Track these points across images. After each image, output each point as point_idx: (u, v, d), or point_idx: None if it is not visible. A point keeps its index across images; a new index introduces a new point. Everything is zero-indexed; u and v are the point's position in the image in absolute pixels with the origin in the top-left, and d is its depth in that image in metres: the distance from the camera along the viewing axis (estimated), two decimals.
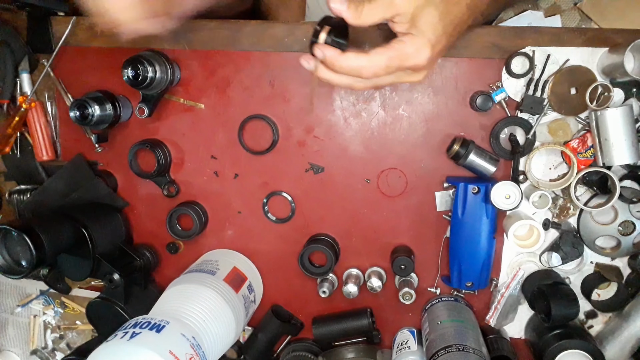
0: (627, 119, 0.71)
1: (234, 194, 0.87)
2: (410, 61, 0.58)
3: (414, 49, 0.58)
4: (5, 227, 0.72)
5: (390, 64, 0.58)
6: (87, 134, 0.87)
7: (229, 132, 0.85)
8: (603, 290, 0.82)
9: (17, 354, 1.02)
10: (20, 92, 0.85)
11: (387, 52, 0.58)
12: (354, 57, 0.58)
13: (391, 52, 0.58)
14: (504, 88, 0.78)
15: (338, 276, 0.88)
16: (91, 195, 0.86)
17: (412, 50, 0.58)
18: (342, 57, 0.58)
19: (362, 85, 0.62)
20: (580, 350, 0.74)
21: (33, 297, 0.98)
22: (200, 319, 0.72)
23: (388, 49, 0.58)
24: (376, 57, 0.58)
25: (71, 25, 0.83)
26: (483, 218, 0.78)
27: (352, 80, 0.61)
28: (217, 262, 0.84)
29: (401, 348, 0.82)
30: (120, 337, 0.64)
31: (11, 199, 0.89)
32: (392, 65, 0.58)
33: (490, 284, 0.84)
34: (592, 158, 0.76)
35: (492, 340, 0.81)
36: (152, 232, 0.90)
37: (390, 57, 0.58)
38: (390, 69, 0.59)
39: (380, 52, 0.58)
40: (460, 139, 0.78)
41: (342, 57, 0.58)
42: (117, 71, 0.85)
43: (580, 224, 0.80)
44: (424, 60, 0.58)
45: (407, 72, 0.62)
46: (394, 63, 0.58)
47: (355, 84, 0.62)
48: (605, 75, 0.76)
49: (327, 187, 0.85)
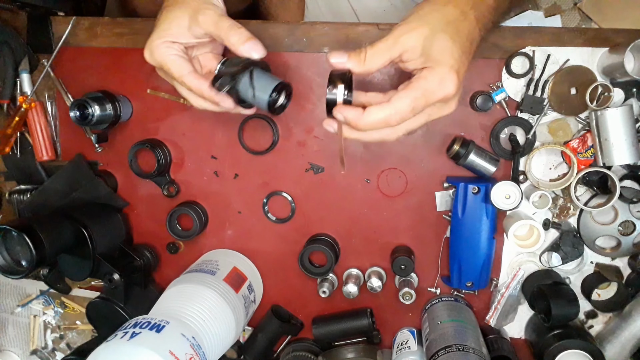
0: (627, 119, 0.71)
1: (234, 194, 0.87)
2: (437, 95, 0.54)
3: (437, 81, 0.54)
4: (5, 227, 0.72)
5: (417, 105, 0.54)
6: (87, 134, 0.87)
7: (229, 132, 0.85)
8: (603, 290, 0.82)
9: (17, 354, 1.02)
10: (20, 92, 0.85)
11: (409, 94, 0.54)
12: (377, 110, 0.54)
13: (414, 92, 0.54)
14: (504, 88, 0.78)
15: (338, 276, 0.88)
16: (91, 195, 0.86)
17: (436, 83, 0.54)
18: (364, 115, 0.55)
19: (394, 135, 0.58)
20: (580, 350, 0.74)
21: (33, 297, 0.98)
22: (200, 319, 0.72)
23: (410, 90, 0.54)
24: (399, 103, 0.54)
25: (71, 25, 0.83)
26: (483, 218, 0.78)
27: (381, 134, 0.58)
28: (217, 262, 0.84)
29: (401, 348, 0.82)
30: (120, 337, 0.64)
31: (11, 199, 0.89)
32: (419, 106, 0.54)
33: (490, 284, 0.84)
34: (592, 158, 0.76)
35: (492, 340, 0.81)
36: (152, 232, 0.90)
37: (414, 97, 0.54)
38: (417, 110, 0.55)
39: (402, 96, 0.54)
40: (460, 139, 0.78)
41: (365, 114, 0.55)
42: (117, 71, 0.85)
43: (581, 224, 0.80)
44: (452, 90, 0.54)
45: (436, 106, 0.57)
46: (420, 103, 0.54)
47: (386, 137, 0.58)
48: (605, 75, 0.76)
49: (327, 187, 0.85)
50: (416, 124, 0.58)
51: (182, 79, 0.64)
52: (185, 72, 0.64)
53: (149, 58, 0.66)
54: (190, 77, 0.64)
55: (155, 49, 0.64)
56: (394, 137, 0.58)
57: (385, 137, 0.58)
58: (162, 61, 0.64)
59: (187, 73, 0.64)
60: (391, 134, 0.58)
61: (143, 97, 0.85)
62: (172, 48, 0.64)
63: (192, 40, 0.65)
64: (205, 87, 0.63)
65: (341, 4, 1.05)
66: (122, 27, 0.83)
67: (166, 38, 0.64)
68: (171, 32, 0.64)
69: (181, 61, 0.64)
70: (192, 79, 0.64)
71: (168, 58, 0.64)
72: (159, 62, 0.65)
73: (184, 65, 0.64)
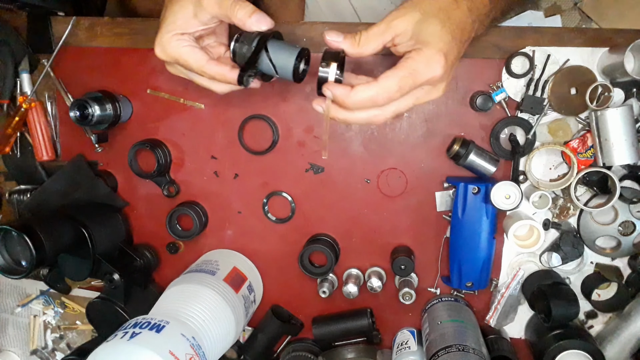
0: (627, 119, 0.71)
1: (234, 194, 0.87)
2: (424, 75, 0.55)
3: (425, 62, 0.55)
4: (5, 227, 0.72)
5: (403, 85, 0.55)
6: (87, 134, 0.87)
7: (229, 132, 0.85)
8: (603, 290, 0.82)
9: (17, 354, 1.02)
10: (20, 92, 0.85)
11: (397, 73, 0.55)
12: (364, 88, 0.55)
13: (401, 71, 0.55)
14: (504, 88, 0.78)
15: (338, 276, 0.88)
16: (91, 195, 0.86)
17: (423, 64, 0.55)
18: (352, 92, 0.56)
19: (382, 117, 0.58)
20: (580, 351, 0.74)
21: (33, 297, 0.98)
22: (200, 319, 0.72)
23: (397, 69, 0.55)
24: (387, 82, 0.55)
25: (71, 25, 0.83)
26: (483, 218, 0.78)
27: (369, 115, 0.58)
28: (217, 262, 0.84)
29: (401, 348, 0.82)
30: (120, 337, 0.64)
31: (11, 199, 0.89)
32: (406, 85, 0.55)
33: (490, 284, 0.84)
34: (592, 158, 0.76)
35: (492, 340, 0.81)
36: (152, 232, 0.90)
37: (401, 77, 0.55)
38: (404, 90, 0.56)
39: (389, 75, 0.55)
40: (460, 139, 0.78)
41: (352, 92, 0.56)
42: (117, 71, 0.85)
43: (581, 224, 0.80)
44: (439, 72, 0.55)
45: (424, 89, 0.58)
46: (407, 83, 0.55)
47: (373, 118, 0.58)
48: (605, 75, 0.76)
49: (327, 187, 0.85)
50: (403, 106, 0.58)
51: (203, 68, 0.64)
52: (204, 62, 0.63)
53: (161, 54, 0.65)
54: (211, 65, 0.63)
55: (166, 43, 0.64)
56: (382, 119, 0.59)
57: (372, 118, 0.59)
58: (177, 54, 0.64)
59: (206, 62, 0.63)
60: (379, 116, 0.58)
61: (143, 97, 0.85)
62: (183, 40, 0.64)
63: (199, 28, 0.65)
64: (227, 72, 0.63)
65: (342, 3, 1.05)
66: (122, 27, 0.83)
67: (175, 31, 0.63)
68: (179, 24, 0.63)
69: (196, 51, 0.64)
70: (213, 67, 0.63)
71: (182, 50, 0.64)
72: (173, 57, 0.64)
73: (200, 55, 0.64)
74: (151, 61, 0.84)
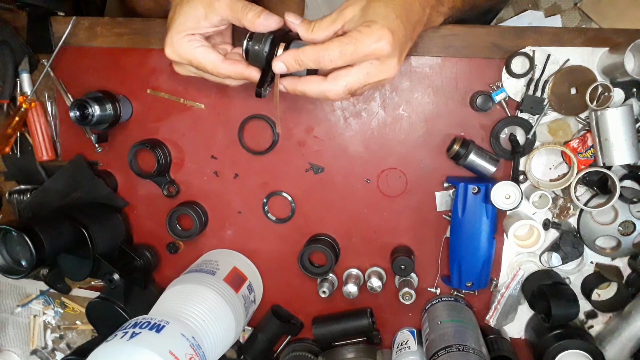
0: (627, 119, 0.71)
1: (234, 194, 0.87)
2: (368, 46, 0.57)
3: (368, 34, 0.57)
4: (5, 227, 0.72)
5: (344, 50, 0.57)
6: (87, 134, 0.87)
7: (229, 132, 0.85)
8: (603, 290, 0.82)
9: (17, 354, 1.02)
10: (20, 92, 0.85)
11: (340, 39, 0.58)
12: (310, 48, 0.59)
13: (345, 38, 0.57)
14: (504, 88, 0.78)
15: (338, 276, 0.88)
16: (91, 195, 0.86)
17: (367, 35, 0.57)
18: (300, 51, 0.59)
19: (334, 92, 0.60)
20: (580, 350, 0.74)
21: (33, 297, 0.98)
22: (200, 319, 0.72)
23: (342, 38, 0.58)
24: (330, 44, 0.58)
25: (71, 25, 0.83)
26: (483, 218, 0.78)
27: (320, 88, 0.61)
28: (217, 262, 0.84)
29: (401, 348, 0.82)
30: (120, 337, 0.64)
31: (11, 199, 0.89)
32: (347, 52, 0.57)
33: (490, 284, 0.84)
34: (592, 158, 0.76)
35: (492, 340, 0.81)
36: (152, 232, 0.90)
37: (343, 42, 0.57)
38: (346, 56, 0.57)
39: (333, 40, 0.58)
40: (460, 139, 0.78)
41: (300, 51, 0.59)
42: (117, 71, 0.85)
43: (581, 224, 0.80)
44: (385, 46, 0.57)
45: (373, 64, 0.59)
46: (348, 49, 0.57)
47: (326, 92, 0.61)
48: (605, 75, 0.76)
49: (327, 187, 0.85)
50: (354, 80, 0.60)
51: (218, 69, 0.64)
52: (219, 62, 0.64)
53: (172, 54, 0.65)
54: (226, 65, 0.64)
55: (177, 44, 0.64)
56: (334, 94, 0.61)
57: (325, 92, 0.61)
58: (189, 55, 0.64)
59: (220, 62, 0.64)
60: (331, 90, 0.60)
61: (143, 97, 0.85)
62: (195, 40, 0.64)
63: (209, 30, 0.65)
64: (244, 70, 0.64)
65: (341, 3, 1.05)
66: (122, 27, 0.83)
67: (186, 31, 0.64)
68: (189, 25, 0.63)
69: (210, 51, 0.64)
70: (228, 66, 0.64)
71: (195, 51, 0.64)
72: (185, 57, 0.65)
73: (215, 56, 0.64)
74: (151, 61, 0.84)
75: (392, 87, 0.81)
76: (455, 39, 0.78)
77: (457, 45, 0.78)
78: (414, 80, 0.80)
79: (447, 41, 0.78)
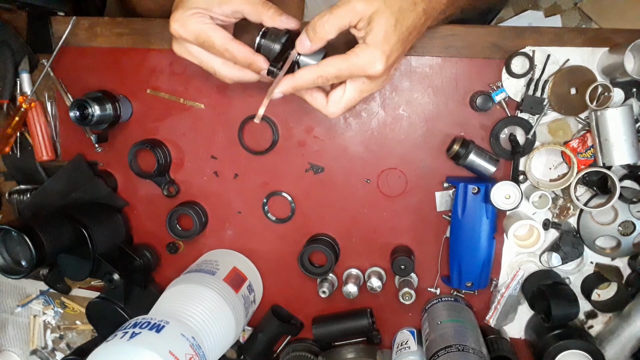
0: (627, 119, 0.71)
1: (234, 194, 0.87)
2: (363, 72, 0.60)
3: (367, 60, 0.59)
4: (5, 227, 0.72)
5: (340, 74, 0.60)
6: (87, 134, 0.87)
7: (229, 132, 0.85)
8: (603, 290, 0.82)
9: (17, 354, 1.02)
10: (20, 92, 0.85)
11: (338, 63, 0.59)
12: (306, 71, 0.61)
13: (343, 63, 0.59)
14: (504, 88, 0.78)
15: (338, 276, 0.88)
16: (91, 195, 0.86)
17: (364, 60, 0.59)
18: (296, 76, 0.62)
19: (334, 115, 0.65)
20: (580, 351, 0.74)
21: (33, 297, 0.98)
22: (200, 319, 0.72)
23: (340, 60, 0.59)
24: (326, 68, 0.60)
25: (71, 25, 0.83)
26: (483, 218, 0.78)
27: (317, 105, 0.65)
28: (217, 262, 0.84)
29: (401, 348, 0.82)
30: (120, 337, 0.64)
31: (11, 199, 0.89)
32: (343, 75, 0.60)
33: (490, 284, 0.84)
34: (592, 158, 0.76)
35: (492, 340, 0.81)
36: (152, 232, 0.90)
37: (339, 68, 0.59)
38: (342, 77, 0.61)
39: (329, 63, 0.60)
40: (460, 139, 0.78)
41: (296, 75, 0.61)
42: (117, 71, 0.85)
43: (580, 224, 0.80)
44: (379, 71, 0.59)
45: (364, 82, 0.62)
46: (344, 73, 0.60)
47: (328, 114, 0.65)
48: (605, 75, 0.76)
49: (327, 187, 0.85)
50: (348, 100, 0.64)
51: (227, 45, 0.62)
52: (229, 39, 0.62)
53: (179, 30, 0.62)
54: (235, 44, 0.62)
55: (187, 20, 0.62)
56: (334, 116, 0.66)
57: (327, 114, 0.66)
58: (200, 30, 0.62)
59: (230, 40, 0.62)
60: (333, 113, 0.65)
61: (143, 97, 0.85)
62: (206, 17, 0.62)
63: (220, 17, 0.63)
64: (252, 53, 0.63)
65: None
66: (122, 27, 0.83)
67: (196, 9, 0.62)
68: (201, 4, 0.62)
69: (220, 29, 0.62)
70: (237, 46, 0.62)
71: (206, 26, 0.62)
72: (194, 33, 0.62)
73: (224, 33, 0.62)
74: (151, 61, 0.84)
75: (392, 87, 0.81)
76: (455, 39, 0.78)
77: (457, 45, 0.78)
78: (414, 80, 0.81)
79: (447, 41, 0.78)
